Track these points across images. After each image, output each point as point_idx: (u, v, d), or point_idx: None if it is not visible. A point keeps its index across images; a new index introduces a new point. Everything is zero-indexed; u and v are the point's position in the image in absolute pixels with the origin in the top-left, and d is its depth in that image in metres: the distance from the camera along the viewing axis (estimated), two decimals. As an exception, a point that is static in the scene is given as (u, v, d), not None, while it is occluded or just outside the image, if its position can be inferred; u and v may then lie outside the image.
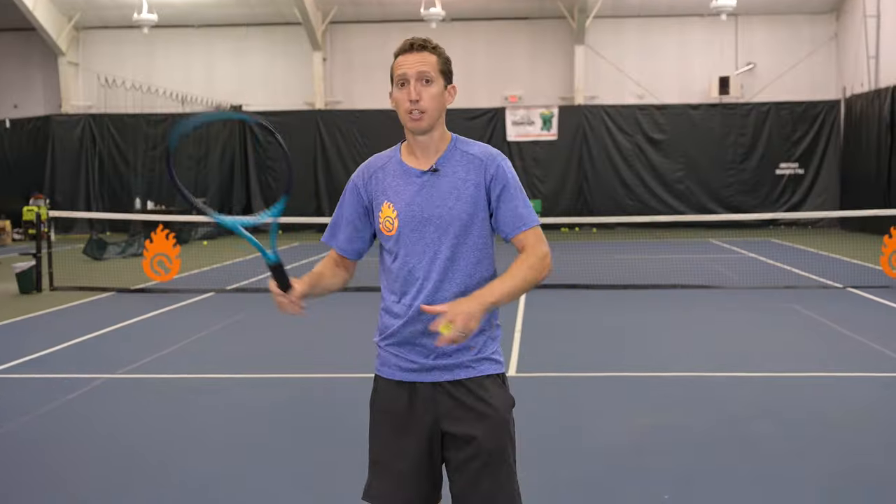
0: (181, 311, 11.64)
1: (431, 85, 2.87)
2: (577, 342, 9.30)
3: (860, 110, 24.12)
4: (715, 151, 26.18)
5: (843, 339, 9.15)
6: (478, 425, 2.88)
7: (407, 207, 2.91)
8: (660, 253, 18.84)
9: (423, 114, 2.86)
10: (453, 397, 2.91)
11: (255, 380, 7.76)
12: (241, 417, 6.54)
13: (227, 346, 9.37)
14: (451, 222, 2.89)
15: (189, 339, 9.56)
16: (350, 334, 9.85)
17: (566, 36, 27.04)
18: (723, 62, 26.78)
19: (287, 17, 26.94)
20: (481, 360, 2.95)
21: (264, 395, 7.19)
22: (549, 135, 26.43)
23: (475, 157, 2.95)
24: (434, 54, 2.90)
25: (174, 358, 8.66)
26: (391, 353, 3.00)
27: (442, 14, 25.20)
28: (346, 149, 26.80)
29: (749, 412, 6.44)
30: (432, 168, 2.92)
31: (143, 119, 26.54)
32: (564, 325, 10.29)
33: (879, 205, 21.03)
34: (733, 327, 10.11)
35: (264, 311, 11.48)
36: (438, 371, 2.93)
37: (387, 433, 2.99)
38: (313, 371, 8.04)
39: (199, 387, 7.50)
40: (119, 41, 27.98)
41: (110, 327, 10.36)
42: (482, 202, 2.92)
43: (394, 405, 2.98)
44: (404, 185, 2.93)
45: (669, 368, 7.93)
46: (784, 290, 12.71)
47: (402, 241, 2.92)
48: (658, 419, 6.30)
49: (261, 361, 8.47)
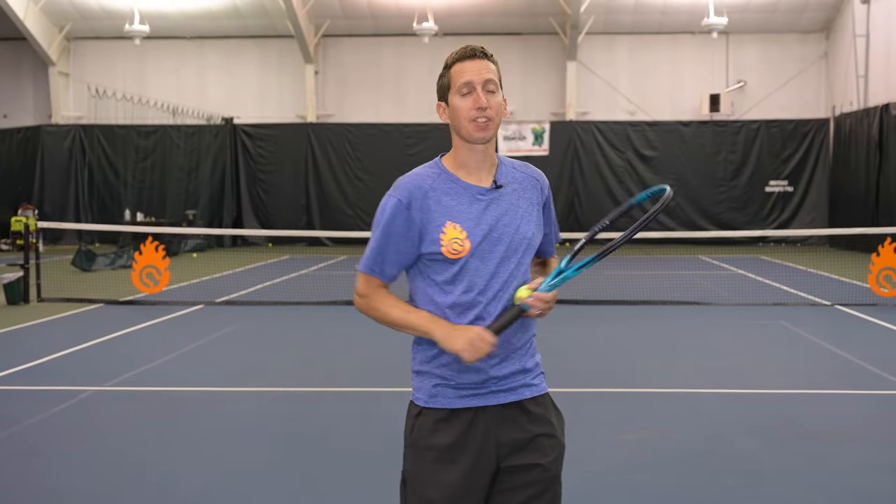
0: (170, 323, 11.62)
1: (496, 94, 2.76)
2: (565, 358, 9.31)
3: (849, 129, 24.26)
4: (705, 168, 26.30)
5: (831, 357, 9.20)
6: (542, 452, 2.76)
7: (476, 227, 2.72)
8: (649, 269, 18.89)
9: (490, 121, 2.73)
10: (516, 421, 2.77)
11: (245, 393, 7.76)
12: (230, 431, 6.54)
13: (217, 358, 9.36)
14: (520, 242, 2.78)
15: (178, 352, 9.55)
16: (338, 348, 9.85)
17: (558, 52, 27.17)
18: (714, 80, 26.94)
19: (280, 29, 26.99)
20: (540, 376, 2.87)
21: (254, 409, 7.20)
22: (540, 150, 26.51)
23: (530, 175, 2.90)
24: (494, 64, 2.80)
25: (163, 370, 8.65)
26: (443, 380, 2.77)
27: (434, 29, 25.30)
28: (338, 162, 26.82)
29: (736, 429, 6.47)
30: (496, 184, 2.79)
31: (133, 130, 26.52)
32: (553, 340, 10.30)
33: (868, 223, 21.17)
34: (721, 344, 10.16)
35: (254, 324, 11.48)
36: (503, 393, 2.77)
37: (438, 470, 2.72)
38: (304, 385, 8.03)
39: (188, 399, 7.49)
40: (110, 52, 27.98)
41: (98, 339, 10.34)
42: (540, 220, 2.88)
43: (445, 438, 2.73)
44: (468, 204, 2.74)
45: (657, 384, 7.96)
46: (772, 307, 12.77)
47: (469, 264, 2.73)
48: (645, 435, 6.32)
49: (250, 375, 8.47)
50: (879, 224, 20.57)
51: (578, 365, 8.97)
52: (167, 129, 26.55)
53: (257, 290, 15.10)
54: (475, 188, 2.77)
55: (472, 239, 2.71)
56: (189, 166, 26.29)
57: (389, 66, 27.38)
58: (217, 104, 27.44)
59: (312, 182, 26.90)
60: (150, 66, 28.03)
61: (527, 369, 2.81)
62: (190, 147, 26.36)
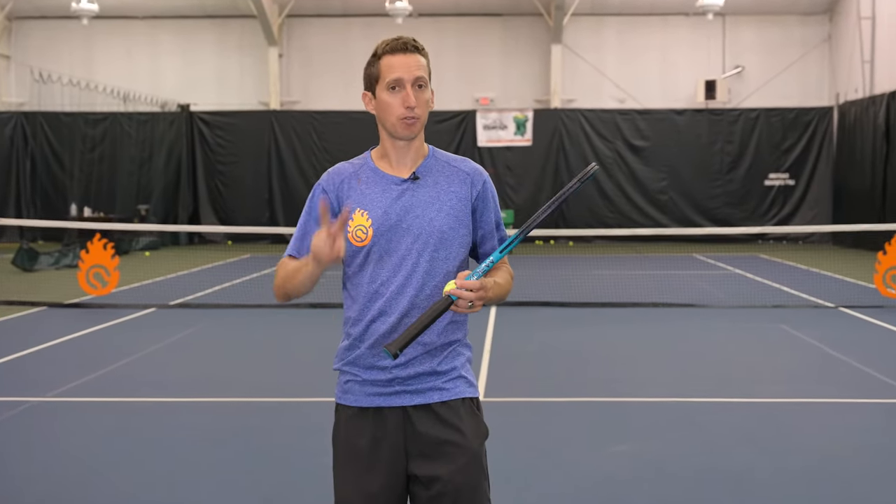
0: (119, 328, 11.55)
1: (425, 90, 2.92)
2: (550, 364, 9.33)
3: (854, 118, 24.45)
4: (700, 160, 26.41)
5: (834, 362, 9.26)
6: (445, 461, 2.86)
7: (384, 216, 2.89)
8: (640, 268, 18.96)
9: (417, 120, 2.90)
10: (421, 426, 2.90)
11: (201, 404, 7.71)
12: (184, 445, 6.49)
13: (170, 366, 9.30)
14: (431, 234, 2.89)
15: (128, 359, 9.49)
16: (301, 355, 9.82)
17: (542, 34, 27.22)
18: (709, 65, 27.07)
19: (240, 8, 26.89)
20: (456, 380, 2.95)
21: (210, 421, 7.15)
22: (522, 140, 26.55)
23: (459, 169, 3.01)
24: (424, 57, 2.93)
25: (111, 379, 8.58)
26: (353, 377, 2.97)
27: (409, 9, 25.28)
28: (304, 153, 26.75)
29: (732, 440, 6.49)
30: (413, 176, 2.94)
31: (80, 118, 26.33)
32: (537, 345, 10.32)
33: (874, 219, 21.32)
34: (717, 349, 10.20)
35: (211, 329, 11.43)
36: (409, 394, 2.91)
37: (353, 471, 2.94)
38: (264, 395, 7.99)
39: (139, 411, 7.44)
40: (56, 33, 27.77)
41: (41, 345, 10.25)
42: (465, 217, 2.96)
43: (358, 438, 2.94)
44: (381, 193, 2.92)
45: (648, 393, 7.98)
46: (772, 309, 12.84)
47: (373, 252, 2.90)
48: (635, 447, 6.33)
49: (207, 383, 8.43)
50: (886, 220, 20.74)
51: (562, 372, 8.97)
52: (117, 116, 26.38)
53: (215, 291, 15.04)
54: (391, 178, 2.95)
55: (375, 227, 2.88)
56: (141, 157, 26.13)
57: (359, 49, 27.27)
58: (172, 90, 27.29)
59: (276, 174, 26.81)
60: (99, 48, 27.84)
61: (439, 372, 2.93)
62: (142, 136, 26.21)
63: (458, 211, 2.94)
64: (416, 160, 2.97)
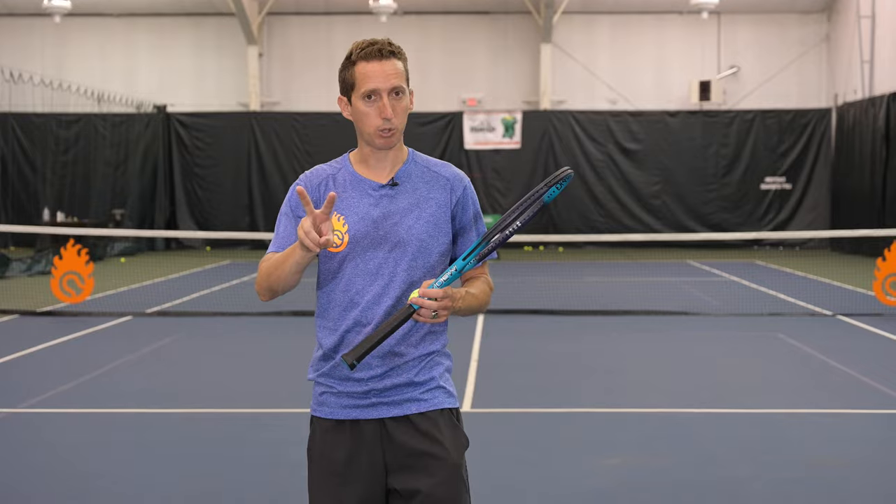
0: (94, 337, 11.53)
1: (402, 97, 2.90)
2: (539, 374, 9.35)
3: (853, 119, 24.54)
4: (694, 163, 26.48)
5: (832, 372, 9.31)
6: (425, 474, 2.88)
7: (360, 222, 2.89)
8: (633, 275, 19.01)
9: (395, 130, 2.89)
10: (399, 439, 2.91)
11: (178, 415, 7.71)
12: (160, 458, 6.49)
13: (147, 376, 9.29)
14: (409, 242, 2.89)
15: (102, 369, 9.47)
16: (282, 364, 9.82)
17: (531, 33, 27.28)
18: (704, 65, 27.16)
19: (218, 6, 26.87)
20: (434, 391, 2.97)
21: (189, 433, 7.15)
22: (511, 143, 26.58)
23: (440, 175, 3.01)
24: (401, 61, 2.91)
25: (85, 390, 8.57)
26: (328, 388, 2.98)
27: (393, 7, 25.29)
28: (285, 156, 26.72)
29: (728, 452, 6.53)
30: (391, 181, 2.93)
31: (53, 119, 26.22)
32: (526, 354, 10.34)
33: (873, 224, 21.40)
34: (712, 358, 10.24)
35: (189, 338, 11.42)
36: (385, 406, 2.92)
37: (329, 485, 2.95)
38: (244, 405, 8.00)
39: (114, 422, 7.44)
40: (27, 31, 27.66)
41: (12, 355, 10.21)
42: (445, 224, 2.96)
43: (334, 451, 2.95)
44: (358, 198, 2.92)
45: (641, 403, 8.01)
46: (768, 317, 12.90)
47: (348, 259, 2.90)
48: (628, 460, 6.36)
49: (184, 394, 8.43)
50: (886, 225, 20.80)
51: (551, 382, 9.00)
52: (91, 117, 26.28)
53: (193, 299, 15.02)
54: (369, 183, 2.93)
55: (351, 234, 2.88)
56: (116, 160, 26.03)
57: (342, 48, 27.07)
58: (148, 90, 27.23)
59: (256, 178, 26.76)
60: (73, 46, 27.76)
61: (416, 383, 2.94)
62: (117, 138, 26.12)
63: (437, 218, 2.95)
64: (396, 165, 2.97)
